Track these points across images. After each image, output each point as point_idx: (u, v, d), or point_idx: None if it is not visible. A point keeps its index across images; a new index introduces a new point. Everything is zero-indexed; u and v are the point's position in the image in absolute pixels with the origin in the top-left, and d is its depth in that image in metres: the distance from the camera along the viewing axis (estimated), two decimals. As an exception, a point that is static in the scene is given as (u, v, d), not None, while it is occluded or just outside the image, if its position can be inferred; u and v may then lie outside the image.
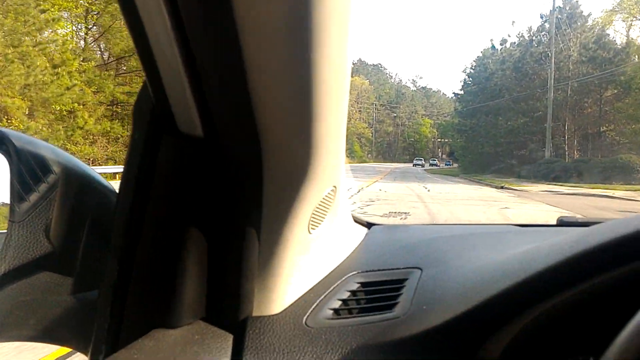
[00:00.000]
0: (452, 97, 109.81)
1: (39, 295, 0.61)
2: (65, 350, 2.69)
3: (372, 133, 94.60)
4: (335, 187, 0.67)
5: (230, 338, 0.58)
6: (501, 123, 38.07)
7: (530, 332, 0.52)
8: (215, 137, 0.53)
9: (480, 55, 48.50)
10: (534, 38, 38.55)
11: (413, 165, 68.50)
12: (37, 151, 0.62)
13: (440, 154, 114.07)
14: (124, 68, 27.19)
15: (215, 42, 0.45)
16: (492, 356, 0.52)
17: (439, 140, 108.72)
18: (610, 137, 33.03)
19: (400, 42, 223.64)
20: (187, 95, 0.50)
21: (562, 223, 1.11)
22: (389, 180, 26.25)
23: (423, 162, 71.80)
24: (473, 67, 48.74)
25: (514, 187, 20.85)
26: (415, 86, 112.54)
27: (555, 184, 23.42)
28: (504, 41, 44.91)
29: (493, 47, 46.71)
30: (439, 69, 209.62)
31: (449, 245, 0.83)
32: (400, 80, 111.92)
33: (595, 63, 32.36)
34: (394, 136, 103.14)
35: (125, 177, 0.57)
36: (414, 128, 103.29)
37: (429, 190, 16.93)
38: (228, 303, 0.60)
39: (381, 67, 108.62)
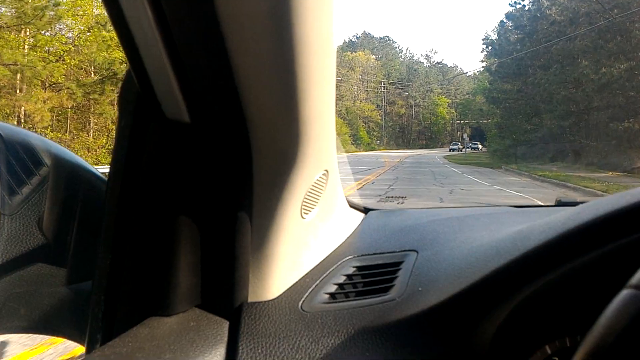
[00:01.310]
0: (472, 75, 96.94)
1: (33, 287, 0.61)
2: (59, 340, 2.61)
3: (381, 116, 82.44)
4: (327, 170, 0.67)
5: (226, 324, 0.58)
6: (576, 75, 22.90)
7: (523, 310, 0.52)
8: (202, 123, 0.53)
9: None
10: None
11: (450, 150, 62.15)
12: (28, 142, 0.61)
13: (460, 137, 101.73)
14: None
15: (197, 26, 0.45)
16: (487, 335, 0.53)
17: (458, 122, 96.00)
18: None
19: (410, 11, 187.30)
20: (172, 82, 0.49)
21: (560, 203, 1.10)
22: (385, 182, 15.06)
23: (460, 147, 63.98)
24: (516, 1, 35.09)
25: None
26: (429, 62, 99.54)
27: None
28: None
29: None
30: (456, 41, 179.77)
31: (445, 227, 0.83)
32: (412, 55, 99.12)
33: None
34: (407, 119, 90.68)
35: (114, 166, 0.57)
36: (430, 109, 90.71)
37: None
38: (223, 289, 0.60)
39: (389, 40, 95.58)
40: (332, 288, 0.65)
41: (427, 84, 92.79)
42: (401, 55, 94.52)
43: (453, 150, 61.05)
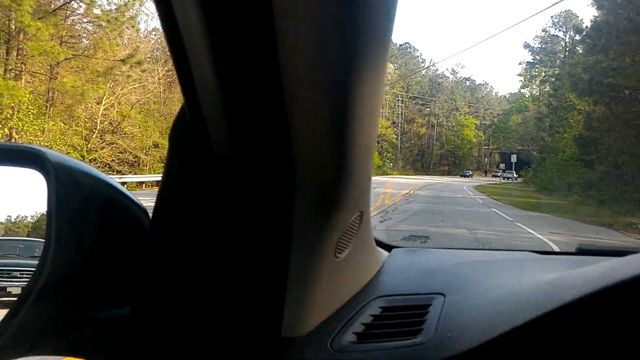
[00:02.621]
0: (502, 96, 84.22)
1: (74, 311, 0.63)
2: None
3: (397, 135, 70.12)
4: (362, 212, 0.69)
5: (256, 359, 0.60)
6: None
7: None
8: (247, 159, 0.54)
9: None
10: None
11: (461, 176, 58.24)
12: (72, 168, 0.63)
13: (488, 164, 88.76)
14: None
15: (251, 65, 0.46)
16: None
17: (487, 147, 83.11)
18: None
19: (435, 17, 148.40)
20: (223, 118, 0.51)
21: (581, 251, 1.10)
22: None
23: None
24: None
25: None
26: (455, 77, 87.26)
27: None
28: None
29: None
30: (486, 55, 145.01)
31: (470, 270, 0.84)
32: (436, 67, 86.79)
33: None
34: (428, 140, 78.08)
35: (160, 197, 0.59)
36: (455, 130, 78.16)
37: None
38: (255, 324, 0.61)
39: (410, 48, 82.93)
40: (360, 328, 0.65)
41: (452, 101, 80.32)
42: (423, 66, 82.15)
43: (464, 176, 55.91)
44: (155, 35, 28.71)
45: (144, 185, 20.08)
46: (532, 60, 64.21)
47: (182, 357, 0.59)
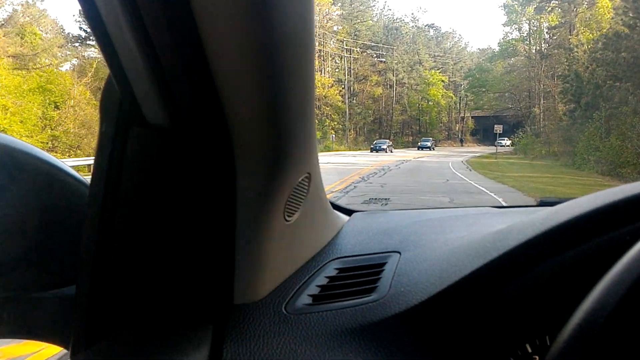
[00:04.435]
0: (475, 52, 67.25)
1: (16, 292, 0.62)
2: (39, 344, 2.42)
3: (343, 97, 52.20)
4: (309, 173, 0.67)
5: (210, 327, 0.59)
6: None
7: (504, 310, 0.54)
8: (182, 127, 0.53)
9: None
10: None
11: (419, 148, 46.88)
12: (13, 149, 0.62)
13: (460, 131, 72.54)
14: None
15: (173, 28, 0.45)
16: (469, 334, 0.55)
17: (457, 111, 66.70)
18: None
19: None
20: (152, 87, 0.50)
21: (542, 203, 1.10)
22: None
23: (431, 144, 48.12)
24: None
25: None
26: (416, 23, 69.53)
27: None
28: None
29: None
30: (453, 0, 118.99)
31: (427, 228, 0.85)
32: (392, 12, 68.66)
33: None
34: (386, 103, 60.49)
35: (96, 171, 0.57)
36: (418, 90, 60.99)
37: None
38: (207, 292, 0.61)
39: (357, -19, 65.07)
40: (315, 290, 0.66)
41: (414, 53, 62.81)
42: (375, 7, 63.75)
43: (422, 148, 45.79)
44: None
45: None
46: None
47: (134, 332, 0.57)
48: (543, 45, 42.86)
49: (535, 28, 45.15)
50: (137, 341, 0.55)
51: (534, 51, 45.59)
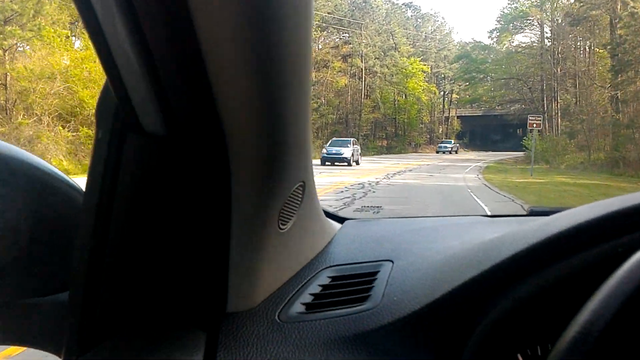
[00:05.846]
0: (461, 43, 54.35)
1: (7, 298, 0.62)
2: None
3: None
4: (303, 182, 0.68)
5: (203, 335, 0.59)
6: None
7: (496, 320, 0.54)
8: (179, 135, 0.54)
9: None
10: None
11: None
12: (5, 155, 0.61)
13: (445, 134, 59.77)
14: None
15: (172, 37, 0.46)
16: (461, 344, 0.55)
17: (441, 111, 53.95)
18: None
19: None
20: (148, 94, 0.50)
21: (532, 213, 1.10)
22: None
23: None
24: None
25: None
26: (392, 3, 56.44)
27: None
28: None
29: None
30: None
31: (419, 237, 0.86)
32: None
33: None
34: (353, 98, 46.86)
35: (91, 177, 0.57)
36: (394, 81, 47.74)
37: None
38: (200, 300, 0.61)
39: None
40: (308, 298, 0.66)
41: (388, 35, 49.56)
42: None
43: (444, 151, 40.65)
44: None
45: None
46: None
47: (127, 340, 0.57)
48: (575, 4, 29.86)
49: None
50: (130, 348, 0.56)
51: (557, 17, 32.47)
